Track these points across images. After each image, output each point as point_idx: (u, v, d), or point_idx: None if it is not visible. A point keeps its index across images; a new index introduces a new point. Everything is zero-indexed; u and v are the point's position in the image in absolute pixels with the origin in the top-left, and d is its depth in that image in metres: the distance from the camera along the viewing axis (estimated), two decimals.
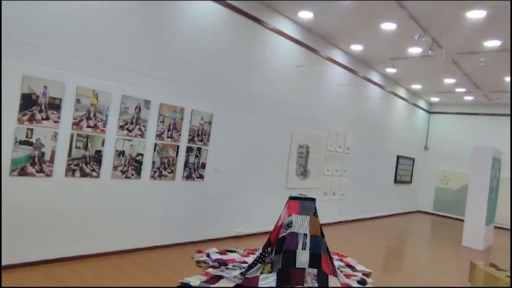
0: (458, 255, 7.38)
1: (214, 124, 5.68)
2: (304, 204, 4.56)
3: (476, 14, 5.69)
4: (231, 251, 5.33)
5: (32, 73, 3.76)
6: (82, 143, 4.20)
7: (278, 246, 4.29)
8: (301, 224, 4.38)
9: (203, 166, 5.57)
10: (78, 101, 4.13)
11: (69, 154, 4.10)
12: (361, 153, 9.57)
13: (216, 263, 4.72)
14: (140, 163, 4.76)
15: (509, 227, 11.32)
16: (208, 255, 5.02)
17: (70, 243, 4.19)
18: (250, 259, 4.87)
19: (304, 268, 4.14)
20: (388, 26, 6.57)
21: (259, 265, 4.30)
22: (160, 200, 5.06)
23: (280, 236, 4.35)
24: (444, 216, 12.63)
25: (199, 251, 5.16)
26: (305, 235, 4.32)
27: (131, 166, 4.67)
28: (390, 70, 9.40)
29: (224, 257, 5.03)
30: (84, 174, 4.24)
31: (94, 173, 4.33)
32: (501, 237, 9.74)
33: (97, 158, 4.35)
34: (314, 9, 6.29)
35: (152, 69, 4.83)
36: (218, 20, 5.60)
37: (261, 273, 4.19)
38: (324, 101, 8.09)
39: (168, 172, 5.09)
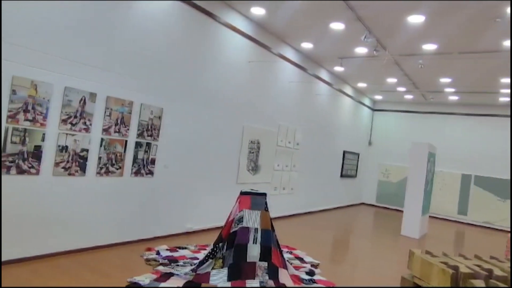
0: (398, 243, 7.92)
1: (165, 119, 5.55)
2: (255, 199, 4.62)
3: (416, 19, 6.08)
4: (182, 248, 5.27)
5: None
6: (18, 137, 3.90)
7: (229, 241, 4.32)
8: (252, 219, 4.45)
9: (153, 161, 5.43)
10: (13, 92, 3.82)
11: (3, 149, 3.79)
12: (310, 148, 9.87)
13: (167, 260, 4.65)
14: (85, 159, 4.53)
15: (441, 217, 12.34)
16: (158, 253, 4.92)
17: (7, 247, 3.89)
18: (201, 255, 4.85)
19: (255, 262, 4.21)
20: (337, 26, 6.80)
21: (210, 260, 4.30)
22: (107, 198, 4.86)
23: (231, 231, 4.38)
24: (385, 208, 13.45)
25: (149, 249, 5.04)
26: (256, 229, 4.40)
27: (75, 162, 4.43)
28: (338, 69, 9.77)
29: (175, 254, 4.96)
30: (21, 171, 3.95)
31: (32, 170, 4.05)
32: (434, 226, 10.57)
33: (37, 154, 4.06)
34: (266, 5, 6.35)
35: (98, 60, 4.59)
36: (169, 12, 5.45)
37: (213, 268, 4.19)
38: (275, 97, 8.21)
39: (115, 168, 4.89)
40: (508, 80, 9.03)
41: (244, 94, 7.22)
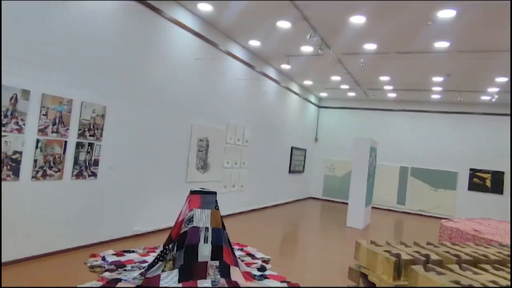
0: (344, 234, 8.27)
1: (108, 118, 5.27)
2: (205, 198, 4.57)
3: (357, 19, 6.36)
4: (129, 252, 5.06)
5: None
6: None
7: (179, 242, 4.23)
8: (202, 218, 4.39)
9: (96, 163, 5.14)
10: None
11: None
12: (259, 145, 9.97)
13: (113, 266, 4.44)
14: (18, 162, 4.17)
15: (383, 207, 13.11)
16: (103, 258, 4.68)
17: None
18: (150, 258, 4.70)
19: (207, 261, 4.17)
20: (283, 25, 6.91)
21: (160, 263, 4.19)
22: (45, 203, 4.52)
23: (181, 232, 4.29)
24: (331, 201, 13.99)
25: (93, 255, 4.78)
26: (206, 228, 4.35)
27: (6, 166, 4.06)
28: (285, 67, 9.95)
29: (122, 258, 4.75)
30: None
31: None
32: (376, 216, 11.20)
33: None
34: (213, 2, 6.27)
35: (32, 55, 4.24)
36: (112, 6, 5.18)
37: (163, 271, 4.08)
38: (223, 95, 8.17)
39: (54, 171, 4.57)
40: (439, 79, 9.79)
41: (192, 92, 7.10)
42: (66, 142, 4.69)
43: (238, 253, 5.39)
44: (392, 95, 12.57)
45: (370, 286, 2.74)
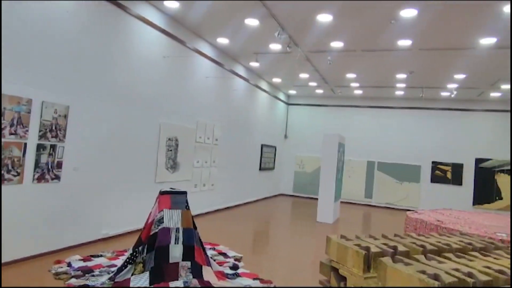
0: (314, 229, 8.41)
1: (72, 118, 5.06)
2: (175, 198, 4.50)
3: (324, 18, 6.45)
4: (97, 256, 4.90)
5: None
6: None
7: (149, 244, 4.14)
8: (173, 219, 4.32)
9: (59, 165, 4.93)
10: None
11: None
12: (229, 143, 9.93)
13: (80, 271, 4.27)
14: None
15: (351, 201, 13.44)
16: (69, 265, 4.49)
17: None
18: (119, 262, 4.57)
19: (178, 262, 4.11)
20: (252, 22, 6.90)
21: (129, 266, 4.08)
22: (4, 208, 4.27)
23: (151, 233, 4.20)
24: (302, 197, 14.18)
25: (58, 262, 4.58)
26: (177, 229, 4.28)
27: None
28: (254, 64, 9.95)
29: (89, 263, 4.59)
30: None
31: None
32: (345, 210, 11.47)
33: None
34: None
35: None
36: (75, 1, 4.96)
37: (133, 274, 3.98)
38: (192, 93, 8.06)
39: (12, 175, 4.33)
40: (402, 76, 10.13)
41: (160, 90, 6.95)
42: (25, 144, 4.45)
43: (210, 252, 5.35)
44: (358, 92, 12.88)
45: (342, 287, 2.79)
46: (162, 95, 7.01)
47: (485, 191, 12.29)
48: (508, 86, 10.12)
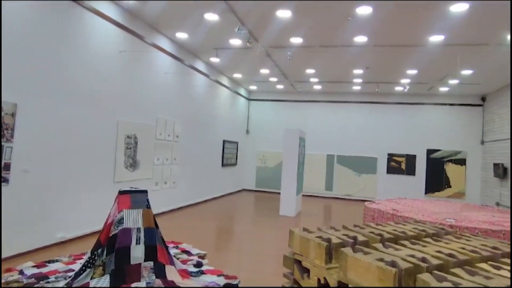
0: (277, 223, 8.52)
1: (20, 116, 4.75)
2: (135, 197, 4.37)
3: (284, 13, 6.51)
4: (53, 261, 4.66)
5: None
6: None
7: (109, 246, 4.00)
8: (133, 219, 4.20)
9: (7, 167, 4.62)
10: None
11: None
12: (190, 140, 9.79)
13: (33, 279, 4.05)
14: None
15: (312, 194, 13.75)
16: (21, 272, 4.24)
17: None
18: (77, 266, 4.38)
19: (140, 263, 4.00)
20: (211, 17, 6.82)
21: (88, 270, 3.92)
22: None
23: (111, 235, 4.06)
24: (264, 192, 14.31)
25: (8, 270, 4.30)
26: (138, 229, 4.17)
27: None
28: (214, 60, 9.86)
29: (44, 270, 4.35)
30: None
31: None
32: (307, 203, 11.72)
33: None
34: None
35: None
36: None
37: (92, 278, 3.83)
38: (151, 89, 7.85)
39: None
40: (359, 71, 10.47)
41: (117, 87, 6.70)
42: None
43: (173, 251, 5.27)
44: (317, 87, 13.16)
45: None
46: (119, 92, 6.76)
47: (436, 180, 13.05)
48: (455, 81, 10.77)
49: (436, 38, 7.29)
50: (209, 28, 7.43)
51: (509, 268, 2.29)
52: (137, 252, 4.04)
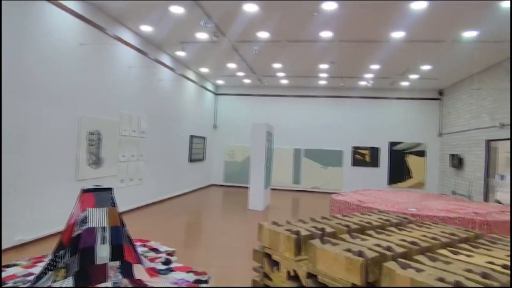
0: (246, 217, 8.55)
1: None
2: (99, 195, 4.23)
3: (250, 8, 6.48)
4: (10, 266, 4.42)
5: None
6: None
7: (72, 247, 3.85)
8: (98, 218, 4.07)
9: None
10: None
11: None
12: (156, 135, 9.59)
13: None
14: None
15: (280, 188, 13.90)
16: None
17: None
18: (37, 269, 4.18)
19: (106, 263, 3.89)
20: (176, 10, 6.67)
21: (50, 273, 3.76)
22: None
23: (74, 235, 3.91)
24: (233, 186, 14.30)
25: None
26: (103, 228, 4.05)
27: None
28: (180, 53, 9.68)
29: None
30: None
31: None
32: (275, 197, 11.83)
33: None
34: None
35: None
36: None
37: (54, 281, 3.68)
38: (114, 84, 7.59)
39: None
40: (324, 66, 10.65)
41: (78, 81, 6.42)
42: None
43: (140, 249, 5.15)
44: (284, 81, 13.26)
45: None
46: (80, 86, 6.48)
47: (398, 171, 13.59)
48: (415, 76, 11.21)
49: (398, 35, 7.54)
50: (175, 21, 7.27)
51: (466, 253, 2.42)
52: (103, 252, 3.92)
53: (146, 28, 7.89)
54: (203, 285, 4.12)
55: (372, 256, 2.16)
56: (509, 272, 2.05)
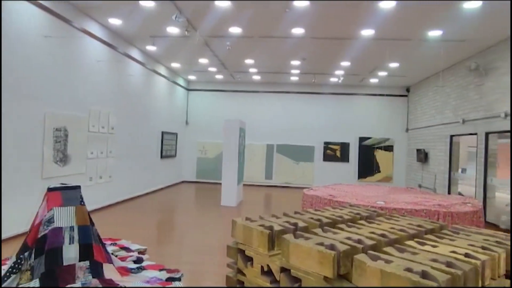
0: (219, 213, 8.53)
1: None
2: (67, 194, 4.08)
3: (222, 3, 6.42)
4: None
5: None
6: None
7: (38, 248, 3.70)
8: (65, 217, 3.93)
9: None
10: None
11: None
12: (127, 131, 9.36)
13: None
14: None
15: (253, 183, 13.95)
16: None
17: None
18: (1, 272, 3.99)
19: (74, 264, 3.77)
20: (147, 3, 6.51)
21: (13, 276, 3.60)
22: None
23: (39, 236, 3.76)
24: (205, 183, 14.21)
25: None
26: (71, 227, 3.92)
27: None
28: (150, 48, 9.47)
29: None
30: None
31: None
32: (248, 192, 11.86)
33: None
34: None
35: None
36: None
37: (19, 284, 3.52)
38: (82, 79, 7.32)
39: None
40: (296, 62, 10.74)
41: (44, 76, 6.14)
42: None
43: (110, 248, 5.03)
44: (257, 77, 13.27)
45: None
46: (46, 81, 6.21)
47: (367, 166, 13.96)
48: (384, 73, 11.52)
49: (367, 32, 7.71)
50: (145, 15, 7.09)
51: (432, 243, 2.52)
52: (71, 252, 3.79)
53: (115, 21, 7.65)
54: (176, 282, 4.08)
55: (344, 249, 2.22)
56: (470, 260, 2.16)
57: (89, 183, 7.55)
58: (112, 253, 4.64)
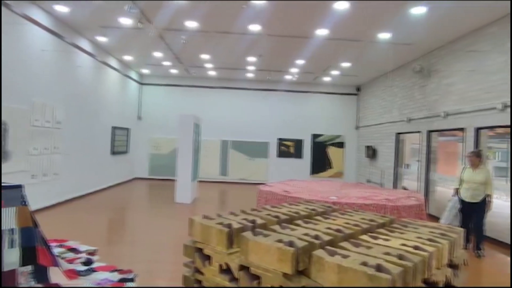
0: (173, 211, 8.36)
1: None
2: (6, 194, 3.77)
3: None
4: None
5: None
6: None
7: None
8: (5, 219, 3.63)
9: None
10: None
11: None
12: (74, 126, 8.85)
13: None
14: None
15: (208, 180, 13.83)
16: None
17: None
18: None
19: (15, 269, 3.50)
20: None
21: None
22: None
23: None
24: (158, 179, 13.85)
25: None
26: (12, 230, 3.63)
27: None
28: (101, 39, 9.01)
29: None
30: None
31: None
32: (203, 189, 11.74)
33: None
34: None
35: None
36: None
37: None
38: (25, 69, 6.79)
39: None
40: (252, 59, 10.76)
41: None
42: None
43: (57, 250, 4.74)
44: (212, 73, 13.13)
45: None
46: None
47: (320, 162, 14.38)
48: (336, 72, 11.90)
49: (322, 32, 7.90)
50: (95, 3, 6.72)
51: (384, 237, 2.65)
52: (11, 257, 3.52)
53: (61, 9, 7.17)
54: (129, 283, 3.94)
55: (302, 245, 2.26)
56: (420, 252, 2.29)
57: (32, 181, 7.05)
58: (59, 256, 4.38)
